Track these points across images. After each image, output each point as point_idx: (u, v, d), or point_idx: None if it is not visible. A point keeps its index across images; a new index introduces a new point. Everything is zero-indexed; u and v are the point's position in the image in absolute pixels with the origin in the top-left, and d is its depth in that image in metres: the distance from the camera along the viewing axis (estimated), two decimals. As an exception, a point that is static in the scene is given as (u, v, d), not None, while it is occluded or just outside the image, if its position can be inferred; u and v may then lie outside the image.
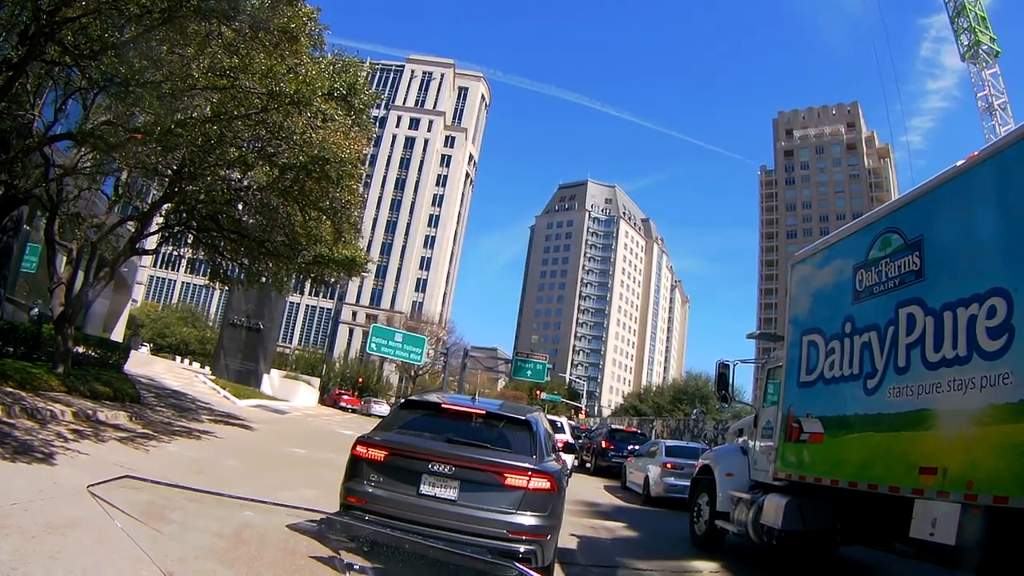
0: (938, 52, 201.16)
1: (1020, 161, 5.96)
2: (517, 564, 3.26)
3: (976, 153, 6.69)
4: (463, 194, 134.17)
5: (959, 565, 6.29)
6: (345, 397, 67.55)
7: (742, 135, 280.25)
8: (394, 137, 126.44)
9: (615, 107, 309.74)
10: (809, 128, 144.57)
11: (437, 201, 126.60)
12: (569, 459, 18.14)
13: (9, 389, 13.65)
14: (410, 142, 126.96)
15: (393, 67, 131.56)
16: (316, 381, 65.44)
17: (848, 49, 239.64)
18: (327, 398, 66.93)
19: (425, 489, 6.51)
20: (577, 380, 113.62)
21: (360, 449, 6.84)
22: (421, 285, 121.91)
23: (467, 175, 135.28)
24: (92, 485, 2.74)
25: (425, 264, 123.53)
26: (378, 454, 6.76)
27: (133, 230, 20.66)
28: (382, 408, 57.02)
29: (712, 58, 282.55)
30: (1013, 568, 5.42)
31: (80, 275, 19.95)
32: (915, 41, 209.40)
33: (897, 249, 7.52)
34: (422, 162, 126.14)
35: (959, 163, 6.84)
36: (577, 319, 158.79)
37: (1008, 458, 5.44)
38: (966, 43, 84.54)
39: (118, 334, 39.50)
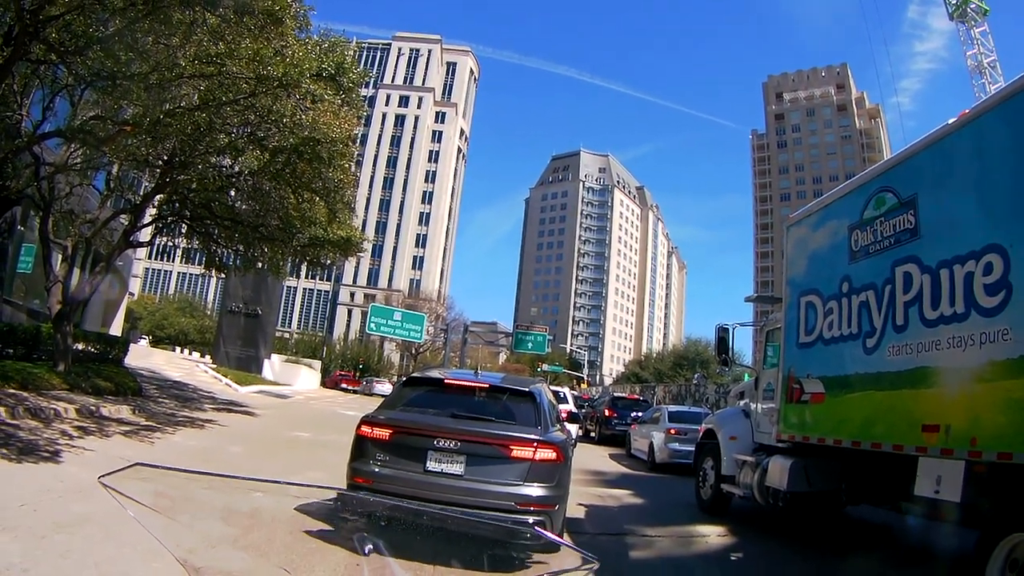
0: (925, 15, 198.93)
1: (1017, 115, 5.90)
2: (536, 528, 3.29)
3: (967, 111, 6.63)
4: (456, 169, 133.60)
5: (965, 522, 6.33)
6: (347, 378, 67.36)
7: (733, 102, 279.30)
8: (384, 115, 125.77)
9: (605, 78, 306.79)
10: (799, 91, 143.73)
11: (430, 177, 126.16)
12: (573, 429, 18.23)
13: (11, 390, 13.58)
14: (400, 120, 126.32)
15: (380, 45, 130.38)
16: (317, 364, 65.24)
17: (835, 12, 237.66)
18: (328, 380, 66.73)
19: (431, 465, 6.54)
20: (578, 350, 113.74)
21: (365, 429, 6.84)
22: (418, 263, 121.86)
23: (459, 150, 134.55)
24: (103, 476, 2.75)
25: (421, 241, 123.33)
26: (383, 433, 6.76)
27: (127, 223, 20.51)
28: (384, 387, 56.72)
29: (700, 26, 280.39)
30: (1019, 523, 5.45)
31: (76, 272, 19.85)
32: (902, 3, 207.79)
33: (891, 208, 7.50)
34: (413, 139, 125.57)
35: (951, 121, 6.79)
36: (575, 289, 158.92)
37: (1011, 414, 5.45)
38: (954, 2, 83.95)
39: (116, 328, 39.39)
